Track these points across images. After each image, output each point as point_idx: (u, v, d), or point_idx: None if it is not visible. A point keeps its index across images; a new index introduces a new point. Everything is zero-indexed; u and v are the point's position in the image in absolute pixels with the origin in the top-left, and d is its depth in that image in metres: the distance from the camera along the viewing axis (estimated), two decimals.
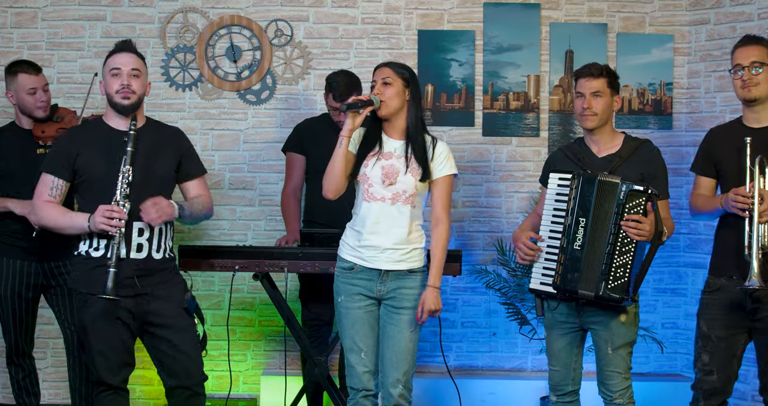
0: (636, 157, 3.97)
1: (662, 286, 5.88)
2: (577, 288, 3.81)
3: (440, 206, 4.01)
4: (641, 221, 3.73)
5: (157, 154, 3.99)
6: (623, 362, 3.94)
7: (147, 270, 3.92)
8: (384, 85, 3.93)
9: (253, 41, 5.84)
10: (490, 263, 5.78)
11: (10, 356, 4.88)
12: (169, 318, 3.95)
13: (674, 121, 5.84)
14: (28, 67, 4.82)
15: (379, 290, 3.94)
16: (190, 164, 4.15)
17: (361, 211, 3.97)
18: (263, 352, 5.87)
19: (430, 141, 4.02)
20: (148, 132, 4.01)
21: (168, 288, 3.98)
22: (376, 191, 3.93)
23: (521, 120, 5.86)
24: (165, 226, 3.98)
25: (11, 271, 4.74)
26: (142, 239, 3.91)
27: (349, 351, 3.97)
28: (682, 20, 5.87)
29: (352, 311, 3.96)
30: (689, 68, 5.84)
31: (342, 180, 3.91)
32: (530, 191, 5.81)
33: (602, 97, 3.97)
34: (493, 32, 5.85)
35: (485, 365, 5.90)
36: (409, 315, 3.94)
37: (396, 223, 3.92)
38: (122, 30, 5.79)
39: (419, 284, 3.98)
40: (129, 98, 3.91)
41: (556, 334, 4.05)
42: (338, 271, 4.03)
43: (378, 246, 3.91)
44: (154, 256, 3.95)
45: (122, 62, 3.94)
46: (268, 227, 5.83)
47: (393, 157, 3.96)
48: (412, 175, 3.93)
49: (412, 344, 3.95)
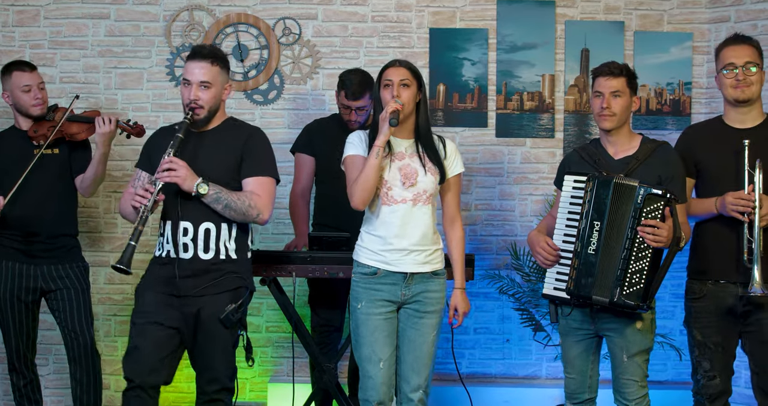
0: (653, 160, 3.95)
1: (680, 291, 5.76)
2: (591, 294, 3.81)
3: (453, 205, 4.10)
4: (659, 226, 3.72)
5: (214, 155, 3.99)
6: (639, 369, 3.93)
7: (193, 271, 3.92)
8: (402, 87, 3.92)
9: (261, 40, 5.85)
10: (504, 267, 5.78)
11: (11, 362, 4.89)
12: (205, 326, 3.93)
13: (693, 121, 5.82)
14: (23, 65, 4.88)
15: (403, 294, 3.94)
16: (248, 163, 4.03)
17: (381, 215, 3.96)
18: (270, 358, 5.88)
19: (437, 139, 4.05)
20: (219, 133, 4.04)
21: (215, 292, 3.96)
22: (396, 194, 3.93)
23: (536, 121, 5.86)
24: (216, 226, 3.95)
25: (9, 273, 4.76)
26: (187, 238, 3.92)
27: (367, 361, 3.95)
28: (701, 18, 5.86)
29: (372, 317, 3.95)
30: (709, 67, 5.82)
31: (374, 190, 3.91)
32: (545, 194, 5.80)
33: (621, 96, 3.96)
34: (507, 30, 5.85)
35: (499, 373, 5.90)
36: (432, 319, 3.97)
37: (420, 224, 3.94)
38: (126, 28, 5.81)
39: (442, 287, 4.02)
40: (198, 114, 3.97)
41: (571, 341, 4.04)
42: (357, 277, 4.03)
43: (404, 249, 3.92)
44: (202, 256, 3.93)
45: (192, 72, 3.99)
46: (276, 231, 5.84)
47: (405, 157, 3.97)
48: (431, 174, 3.95)
49: (434, 348, 4.00)
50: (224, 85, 4.05)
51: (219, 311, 3.92)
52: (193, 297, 3.92)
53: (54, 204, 4.81)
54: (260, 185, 4.01)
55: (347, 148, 4.04)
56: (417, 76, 3.98)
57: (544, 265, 4.03)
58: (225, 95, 4.07)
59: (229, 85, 4.10)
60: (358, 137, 4.04)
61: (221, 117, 4.10)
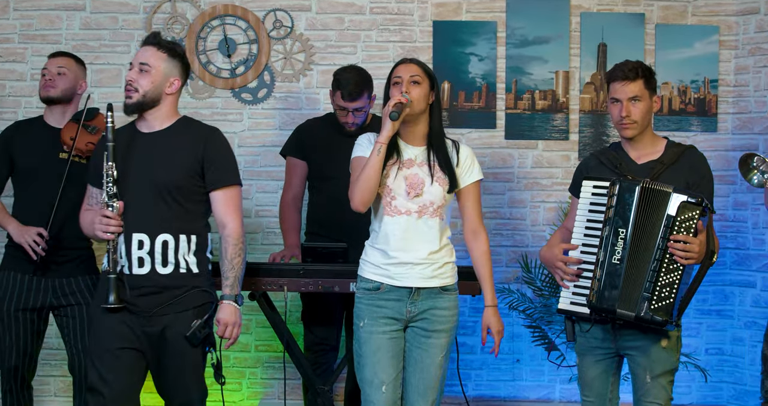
0: (680, 165, 3.96)
1: (706, 307, 5.87)
2: (616, 307, 3.80)
3: (474, 214, 4.06)
4: (690, 241, 3.71)
5: (170, 160, 3.94)
6: (664, 391, 3.92)
7: (152, 288, 3.88)
8: (412, 84, 3.92)
9: (249, 33, 5.86)
10: (514, 281, 5.79)
11: (8, 382, 4.78)
12: (170, 345, 3.90)
13: (719, 122, 5.84)
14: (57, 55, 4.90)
15: (409, 311, 3.93)
16: (212, 172, 4.01)
17: (383, 227, 3.96)
18: (260, 380, 5.88)
19: (451, 145, 4.03)
20: (173, 134, 3.99)
21: (180, 311, 3.93)
22: (400, 204, 3.92)
23: (548, 121, 5.87)
24: (174, 237, 3.93)
25: (17, 286, 4.70)
26: (143, 252, 3.89)
27: (369, 384, 3.93)
28: (728, 10, 5.87)
29: (375, 336, 3.93)
30: (736, 63, 5.84)
31: (376, 191, 3.90)
32: (558, 201, 5.81)
33: (641, 101, 3.95)
34: (517, 23, 5.86)
35: (508, 396, 5.90)
36: (441, 339, 3.95)
37: (424, 238, 3.92)
38: (103, 21, 5.81)
39: (452, 304, 3.99)
40: (130, 97, 3.95)
41: (590, 360, 4.04)
42: (360, 292, 4.02)
43: (408, 262, 3.91)
44: (160, 270, 3.90)
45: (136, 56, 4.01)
46: (266, 241, 5.85)
47: (414, 165, 3.95)
48: (439, 185, 3.93)
49: (442, 371, 3.97)
50: (170, 76, 3.99)
51: (185, 329, 3.90)
52: (155, 316, 3.88)
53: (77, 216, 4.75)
54: (229, 199, 4.04)
55: (355, 150, 4.04)
56: (429, 75, 3.97)
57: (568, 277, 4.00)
58: (169, 89, 4.00)
59: (176, 80, 4.01)
60: (367, 139, 4.03)
61: (173, 116, 4.05)
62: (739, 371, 5.59)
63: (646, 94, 3.97)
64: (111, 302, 3.77)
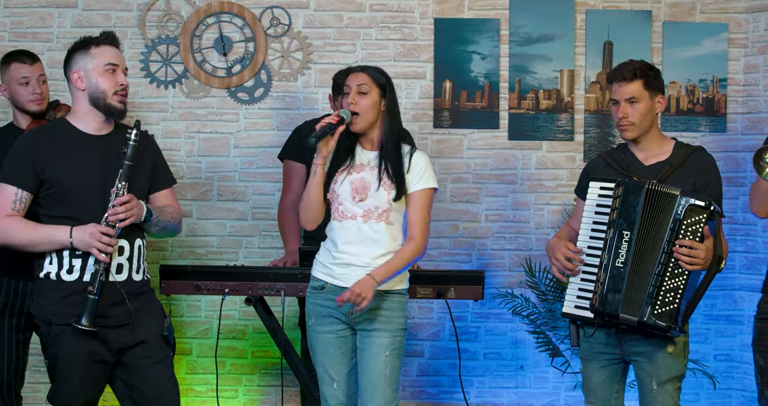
0: (687, 166, 3.97)
1: (715, 312, 5.87)
2: (618, 311, 3.80)
3: (414, 221, 4.02)
4: (695, 247, 3.71)
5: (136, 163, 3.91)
6: (670, 398, 3.93)
7: (129, 294, 3.85)
8: (359, 94, 3.98)
9: (246, 31, 5.87)
10: (517, 285, 5.79)
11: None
12: (148, 349, 3.90)
13: (728, 122, 5.84)
14: (23, 56, 4.86)
15: (350, 312, 3.95)
16: (159, 174, 4.09)
17: (332, 230, 4.05)
18: (257, 387, 5.88)
19: (407, 151, 4.06)
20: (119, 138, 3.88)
21: (148, 315, 3.95)
22: (346, 209, 4.00)
23: (553, 121, 5.87)
24: (143, 242, 3.97)
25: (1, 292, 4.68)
26: (122, 258, 3.88)
27: (322, 381, 4.06)
28: (738, 7, 5.88)
29: (322, 335, 4.04)
30: (746, 62, 5.84)
31: (320, 209, 4.05)
32: (563, 203, 5.81)
33: (639, 102, 3.96)
34: (521, 21, 5.87)
35: (511, 403, 5.90)
36: (383, 338, 3.96)
37: (371, 242, 3.97)
38: (96, 19, 5.81)
39: (397, 306, 4.01)
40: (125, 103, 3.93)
41: (594, 366, 4.04)
42: (309, 291, 4.11)
43: (351, 264, 3.97)
44: (134, 277, 3.92)
45: (119, 58, 3.95)
46: (263, 245, 5.85)
47: (365, 169, 4.03)
48: (384, 189, 3.97)
49: (389, 370, 3.96)
50: None
51: (159, 330, 3.95)
52: (127, 325, 3.86)
53: None
54: (172, 196, 4.16)
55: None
56: (379, 82, 4.01)
57: (565, 270, 3.99)
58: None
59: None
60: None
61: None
62: (749, 378, 5.57)
63: (645, 95, 3.98)
64: (84, 324, 3.67)
